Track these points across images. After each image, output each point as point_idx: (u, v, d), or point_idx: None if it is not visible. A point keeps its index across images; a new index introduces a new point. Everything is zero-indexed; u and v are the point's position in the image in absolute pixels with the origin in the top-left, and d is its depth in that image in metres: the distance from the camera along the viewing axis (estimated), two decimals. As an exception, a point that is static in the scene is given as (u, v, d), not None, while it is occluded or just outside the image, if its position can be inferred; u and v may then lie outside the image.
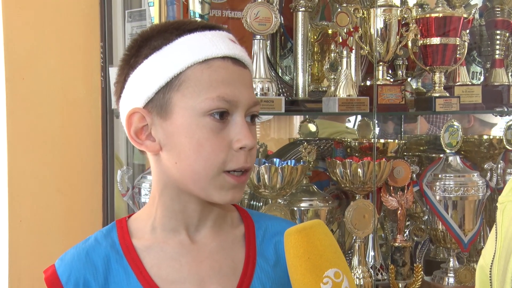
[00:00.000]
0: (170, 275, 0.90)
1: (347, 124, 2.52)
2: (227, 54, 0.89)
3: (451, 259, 1.85)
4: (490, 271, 0.94)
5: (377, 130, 2.38)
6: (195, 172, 0.88)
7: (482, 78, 2.27)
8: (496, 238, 0.97)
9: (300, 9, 1.78)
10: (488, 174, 1.89)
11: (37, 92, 1.56)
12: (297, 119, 2.46)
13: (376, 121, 1.83)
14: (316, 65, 1.98)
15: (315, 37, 1.96)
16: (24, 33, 1.54)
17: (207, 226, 0.94)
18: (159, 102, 0.89)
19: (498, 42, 2.07)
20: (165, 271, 0.90)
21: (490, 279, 0.94)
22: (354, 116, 2.45)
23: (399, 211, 1.77)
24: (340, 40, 1.72)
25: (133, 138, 0.91)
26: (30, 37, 1.55)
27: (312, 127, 2.21)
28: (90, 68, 1.64)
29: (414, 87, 2.21)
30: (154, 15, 1.61)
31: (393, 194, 1.77)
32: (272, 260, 0.95)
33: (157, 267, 0.91)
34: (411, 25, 1.79)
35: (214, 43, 0.89)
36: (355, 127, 2.40)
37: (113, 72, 1.60)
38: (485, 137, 2.16)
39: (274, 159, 1.66)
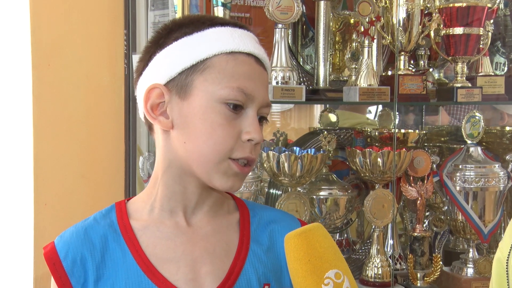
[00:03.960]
0: (165, 254, 0.93)
1: (368, 115, 2.51)
2: (252, 51, 0.94)
3: (471, 250, 1.84)
4: (507, 263, 0.94)
5: (397, 121, 2.37)
6: (201, 154, 0.91)
7: (506, 69, 2.24)
8: None
9: (323, -2, 1.78)
10: (510, 165, 1.87)
11: (63, 78, 1.59)
12: (318, 109, 2.46)
13: (396, 111, 1.82)
14: (337, 55, 1.98)
15: (336, 26, 1.95)
16: (50, 21, 1.57)
17: (204, 211, 0.97)
18: (180, 82, 0.92)
19: (523, 32, 2.04)
20: (160, 250, 0.93)
21: (507, 271, 0.94)
22: (375, 108, 2.45)
23: (418, 201, 1.77)
24: (362, 30, 1.72)
25: (148, 112, 0.94)
26: (57, 24, 1.58)
27: (332, 117, 2.21)
28: (114, 56, 1.66)
29: (436, 77, 2.20)
30: (177, 3, 1.62)
31: (412, 184, 1.77)
32: (265, 245, 0.98)
33: (152, 246, 0.93)
34: (434, 14, 1.78)
35: (242, 39, 0.94)
36: (376, 118, 2.39)
37: (136, 59, 1.61)
38: (507, 128, 2.14)
39: (294, 148, 1.67)
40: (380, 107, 2.30)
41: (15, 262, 1.67)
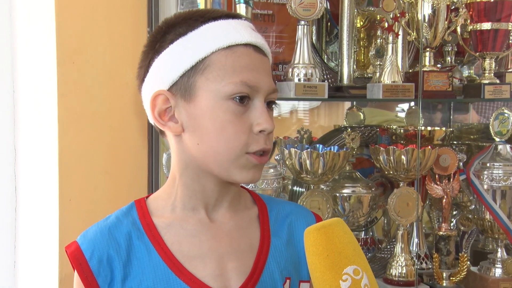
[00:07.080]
0: (191, 251, 0.93)
1: (400, 113, 2.48)
2: (249, 41, 0.93)
3: (499, 250, 1.80)
4: None
5: (425, 119, 2.33)
6: (217, 153, 0.91)
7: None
8: None
9: (347, -6, 1.76)
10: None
11: (87, 76, 1.61)
12: (346, 107, 2.44)
13: (420, 108, 1.80)
14: (362, 51, 1.96)
15: (361, 23, 1.93)
16: (75, 19, 1.59)
17: (224, 207, 0.97)
18: (183, 85, 0.92)
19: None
20: (186, 247, 0.93)
21: None
22: (407, 105, 2.42)
23: (444, 200, 1.74)
24: (386, 26, 1.70)
25: (157, 119, 0.94)
26: (81, 22, 1.60)
27: (359, 115, 2.19)
28: (138, 53, 1.66)
29: (466, 74, 2.16)
30: (200, 1, 1.62)
31: (438, 182, 1.74)
32: (285, 239, 0.98)
33: (178, 243, 0.94)
34: (460, 10, 1.74)
35: (238, 31, 0.93)
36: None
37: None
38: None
39: (317, 145, 1.66)
40: (407, 104, 2.27)
41: (40, 257, 1.71)
